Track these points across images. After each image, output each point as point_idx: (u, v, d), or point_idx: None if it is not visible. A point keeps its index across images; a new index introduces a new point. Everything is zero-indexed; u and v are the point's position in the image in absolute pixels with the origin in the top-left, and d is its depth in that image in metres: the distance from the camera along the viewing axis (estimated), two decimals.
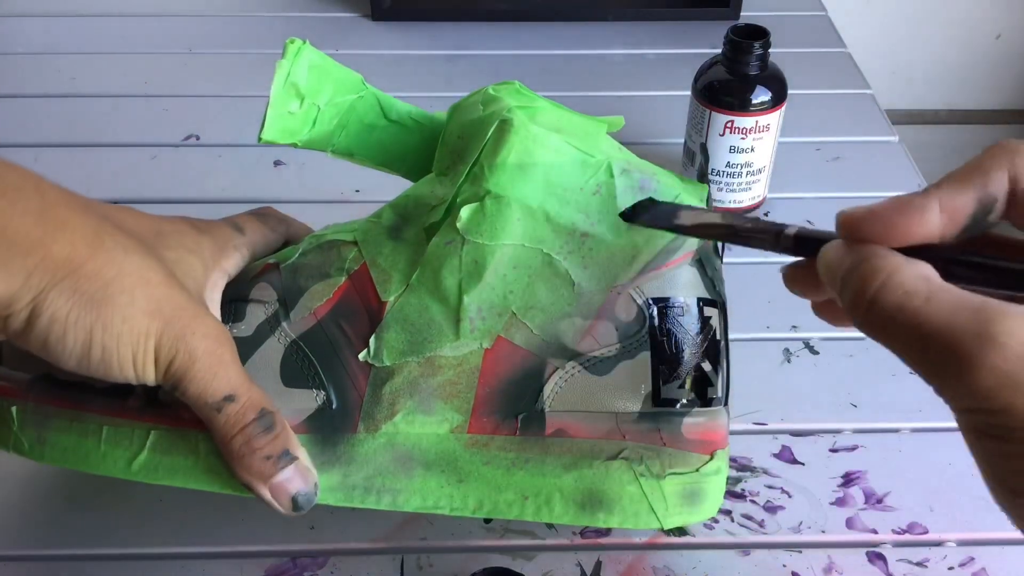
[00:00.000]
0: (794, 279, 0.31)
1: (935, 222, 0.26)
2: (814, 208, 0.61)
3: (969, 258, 0.26)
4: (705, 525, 0.42)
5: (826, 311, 0.32)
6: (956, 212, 0.26)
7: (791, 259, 0.31)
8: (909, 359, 0.25)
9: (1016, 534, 0.38)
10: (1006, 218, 0.27)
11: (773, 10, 0.84)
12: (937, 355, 0.24)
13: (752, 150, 0.56)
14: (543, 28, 0.82)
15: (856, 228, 0.27)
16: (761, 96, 0.54)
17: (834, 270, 0.27)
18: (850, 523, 0.42)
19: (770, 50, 0.55)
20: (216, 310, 0.36)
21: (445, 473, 0.35)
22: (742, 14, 0.82)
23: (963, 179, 0.26)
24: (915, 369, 0.25)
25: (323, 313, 0.36)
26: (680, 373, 0.36)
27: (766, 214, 0.60)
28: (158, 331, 0.31)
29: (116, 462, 0.34)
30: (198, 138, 0.67)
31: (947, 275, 0.26)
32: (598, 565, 0.40)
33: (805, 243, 0.29)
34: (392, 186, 0.43)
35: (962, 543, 0.41)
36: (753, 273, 0.56)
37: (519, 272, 0.35)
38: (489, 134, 0.35)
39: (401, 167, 0.42)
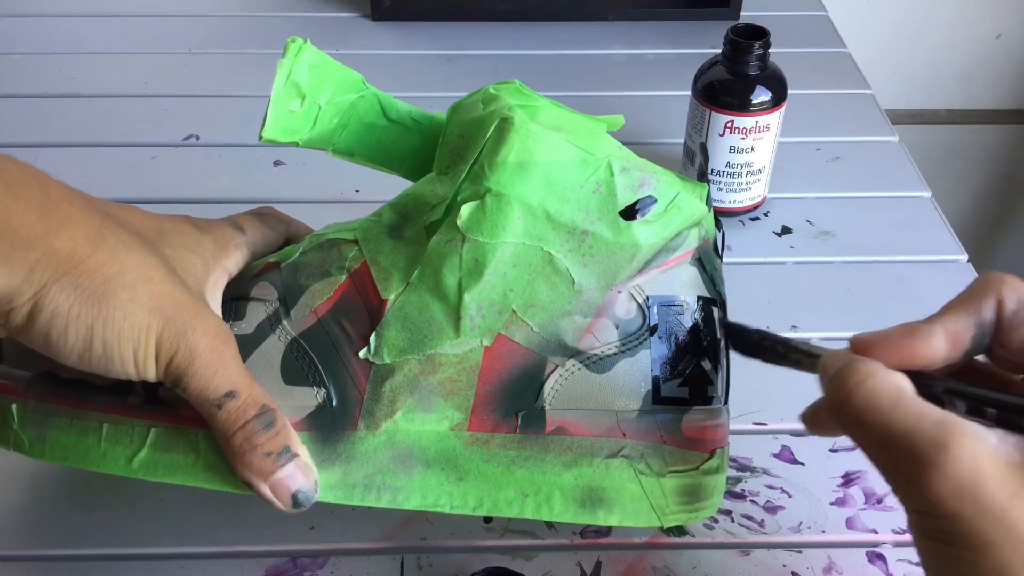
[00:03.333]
0: (814, 421, 0.34)
1: (941, 347, 0.29)
2: (814, 208, 0.61)
3: (953, 386, 0.29)
4: (705, 525, 0.42)
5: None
6: (959, 338, 0.29)
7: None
8: (873, 458, 0.28)
9: None
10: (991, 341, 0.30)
11: (773, 10, 0.84)
12: (897, 458, 0.27)
13: (752, 150, 0.56)
14: (543, 28, 0.82)
15: (866, 349, 0.30)
16: (761, 96, 0.54)
17: (827, 371, 0.30)
18: (850, 523, 0.42)
19: (770, 50, 0.55)
20: (217, 308, 0.36)
21: (445, 471, 0.35)
22: (742, 14, 0.82)
23: (962, 307, 0.30)
24: (877, 468, 0.28)
25: (324, 311, 0.36)
26: (680, 371, 0.36)
27: (766, 214, 0.60)
28: (159, 327, 0.31)
29: (116, 460, 0.34)
30: (198, 138, 0.67)
31: (938, 401, 0.28)
32: (598, 565, 0.40)
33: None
34: (392, 186, 0.43)
35: None
36: (753, 273, 0.56)
37: (519, 270, 0.35)
38: (489, 133, 0.35)
39: (401, 167, 0.42)
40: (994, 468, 0.25)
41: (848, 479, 0.44)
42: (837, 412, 0.29)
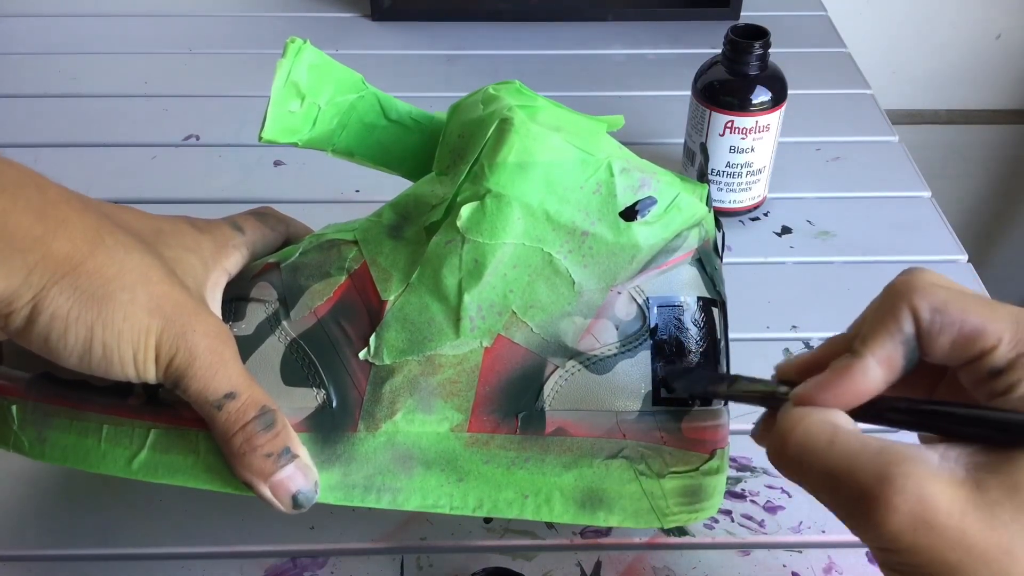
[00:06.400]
0: (761, 436, 0.33)
1: (879, 376, 0.28)
2: (814, 208, 0.61)
3: (897, 404, 0.28)
4: (705, 525, 0.42)
5: None
6: (892, 362, 0.28)
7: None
8: (825, 502, 0.27)
9: None
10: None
11: (773, 10, 0.84)
12: (845, 497, 0.26)
13: (752, 150, 0.56)
14: (543, 28, 0.82)
15: (807, 402, 0.29)
16: (761, 96, 0.54)
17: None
18: None
19: (770, 50, 0.55)
20: (217, 309, 0.36)
21: (445, 472, 0.35)
22: (742, 14, 0.82)
23: (884, 329, 0.28)
24: (833, 512, 0.27)
25: (323, 312, 0.36)
26: (680, 372, 0.36)
27: (766, 214, 0.60)
28: (159, 328, 0.31)
29: (116, 461, 0.34)
30: (198, 138, 0.67)
31: (885, 422, 0.28)
32: (598, 565, 0.40)
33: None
34: (392, 186, 0.43)
35: None
36: (753, 273, 0.56)
37: (519, 271, 0.35)
38: (489, 133, 0.35)
39: (401, 167, 0.42)
40: (940, 490, 0.24)
41: None
42: (778, 463, 0.29)
